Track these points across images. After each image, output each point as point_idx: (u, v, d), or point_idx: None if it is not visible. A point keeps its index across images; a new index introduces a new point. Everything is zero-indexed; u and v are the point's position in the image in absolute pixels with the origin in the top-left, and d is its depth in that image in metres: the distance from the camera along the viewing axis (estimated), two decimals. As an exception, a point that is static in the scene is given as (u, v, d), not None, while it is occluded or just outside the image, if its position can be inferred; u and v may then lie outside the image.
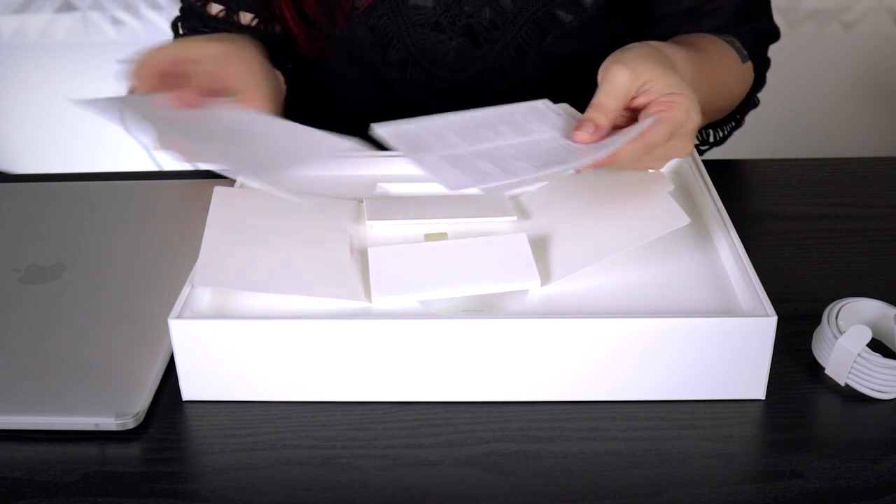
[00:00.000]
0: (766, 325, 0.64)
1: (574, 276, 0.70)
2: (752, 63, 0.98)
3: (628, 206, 0.75)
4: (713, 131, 1.04)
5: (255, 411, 0.66)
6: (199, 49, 0.82)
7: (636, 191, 0.75)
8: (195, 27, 0.97)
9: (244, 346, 0.65)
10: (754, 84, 1.00)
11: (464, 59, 0.97)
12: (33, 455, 0.63)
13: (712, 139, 1.04)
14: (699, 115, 0.73)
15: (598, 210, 0.76)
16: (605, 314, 0.65)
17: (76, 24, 2.08)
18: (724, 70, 0.94)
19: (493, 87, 0.98)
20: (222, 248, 0.70)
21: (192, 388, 0.67)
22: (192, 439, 0.64)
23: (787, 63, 1.18)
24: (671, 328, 0.64)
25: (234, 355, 0.65)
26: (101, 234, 0.85)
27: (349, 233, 0.76)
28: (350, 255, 0.73)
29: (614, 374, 0.65)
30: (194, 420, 0.66)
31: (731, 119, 1.02)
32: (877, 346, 0.70)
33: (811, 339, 0.70)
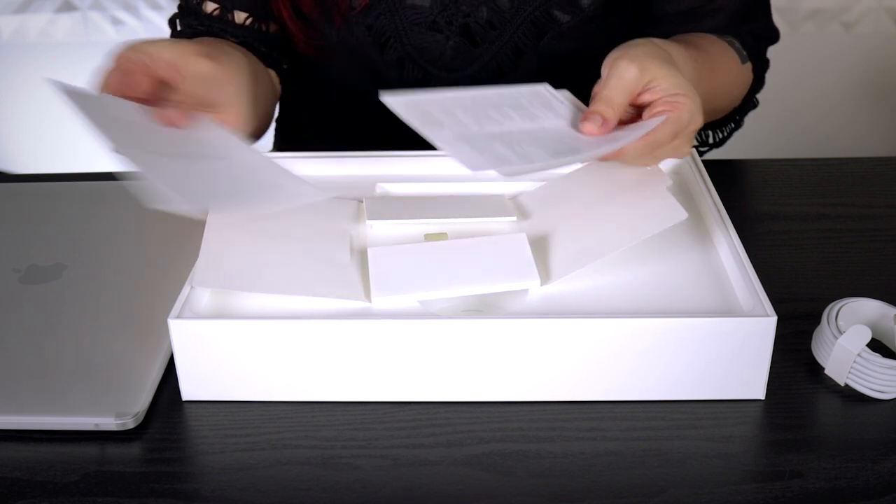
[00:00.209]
0: (765, 325, 0.64)
1: (574, 276, 0.70)
2: (752, 64, 0.98)
3: (626, 203, 0.75)
4: (713, 132, 1.04)
5: (255, 411, 0.66)
6: (194, 65, 0.78)
7: (634, 188, 0.76)
8: (192, 25, 0.96)
9: (244, 346, 0.65)
10: (754, 85, 1.00)
11: (461, 59, 0.97)
12: (33, 455, 0.63)
13: (712, 140, 1.04)
14: (701, 116, 0.74)
15: (596, 209, 0.76)
16: (605, 314, 0.65)
17: (76, 24, 2.08)
18: (724, 70, 0.94)
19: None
20: (222, 249, 0.70)
21: (191, 388, 0.67)
22: (192, 439, 0.64)
23: (787, 63, 1.19)
24: (671, 328, 0.64)
25: (234, 355, 0.65)
26: (101, 234, 0.85)
27: (349, 233, 0.76)
28: (350, 256, 0.73)
29: (614, 374, 0.65)
30: (194, 420, 0.66)
31: (731, 120, 1.02)
32: (877, 346, 0.70)
33: (811, 339, 0.70)
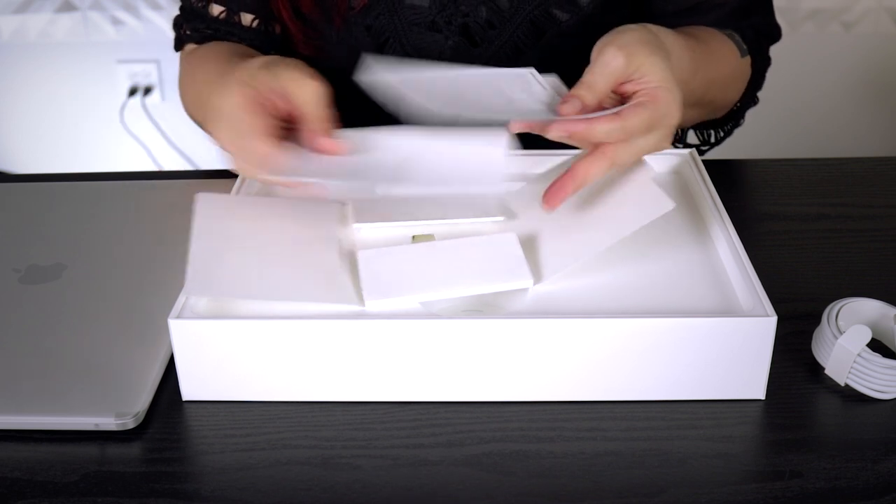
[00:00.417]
0: (765, 325, 0.64)
1: (575, 276, 0.70)
2: (751, 58, 0.97)
3: (613, 197, 0.74)
4: (713, 131, 1.03)
5: (255, 411, 0.66)
6: (305, 94, 0.74)
7: (619, 182, 0.74)
8: (199, 28, 0.97)
9: (244, 346, 0.65)
10: (754, 82, 1.00)
11: (460, 59, 0.97)
12: (33, 455, 0.63)
13: (713, 139, 1.04)
14: (680, 112, 0.72)
15: (583, 205, 0.75)
16: (605, 314, 0.65)
17: (76, 24, 2.08)
18: (723, 62, 0.93)
19: None
20: (211, 257, 0.70)
21: (191, 388, 0.67)
22: (192, 439, 0.64)
23: (787, 63, 1.19)
24: (671, 328, 0.64)
25: (234, 355, 0.65)
26: (101, 234, 0.85)
27: (337, 236, 0.76)
28: (339, 259, 0.73)
29: (614, 374, 0.65)
30: (194, 420, 0.66)
31: (731, 118, 1.02)
32: (877, 346, 0.70)
33: (811, 339, 0.70)
